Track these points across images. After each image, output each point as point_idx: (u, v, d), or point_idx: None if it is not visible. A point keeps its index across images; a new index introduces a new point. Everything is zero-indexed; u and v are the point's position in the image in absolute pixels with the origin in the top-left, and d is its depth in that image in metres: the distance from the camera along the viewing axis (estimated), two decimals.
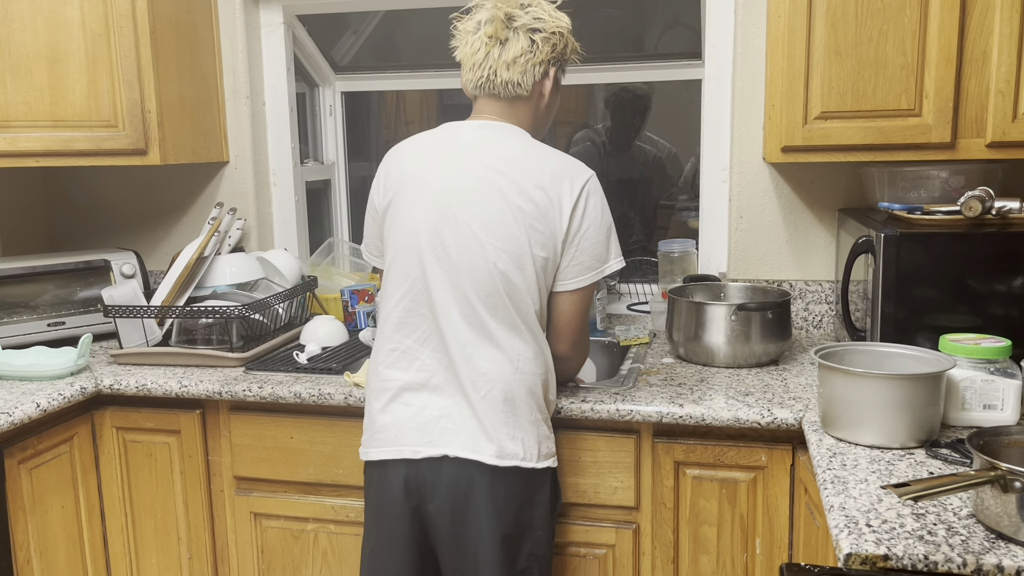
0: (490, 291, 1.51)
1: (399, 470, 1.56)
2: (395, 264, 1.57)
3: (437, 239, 1.52)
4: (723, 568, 1.74)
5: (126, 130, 2.16)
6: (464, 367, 1.52)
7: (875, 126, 1.83)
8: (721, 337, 1.93)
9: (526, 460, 1.53)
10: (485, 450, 1.51)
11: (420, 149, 1.61)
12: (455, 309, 1.52)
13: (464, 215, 1.52)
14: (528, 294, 1.54)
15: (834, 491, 1.27)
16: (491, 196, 1.51)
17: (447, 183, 1.54)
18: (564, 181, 1.53)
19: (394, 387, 1.57)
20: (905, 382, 1.41)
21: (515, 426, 1.53)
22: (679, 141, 2.87)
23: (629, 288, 2.64)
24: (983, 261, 1.65)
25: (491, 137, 1.58)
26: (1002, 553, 1.07)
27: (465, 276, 1.51)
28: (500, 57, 1.56)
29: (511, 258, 1.51)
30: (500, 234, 1.51)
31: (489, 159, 1.54)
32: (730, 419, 1.66)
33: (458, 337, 1.52)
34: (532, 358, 1.55)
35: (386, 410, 1.57)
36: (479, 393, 1.52)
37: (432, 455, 1.53)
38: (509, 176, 1.52)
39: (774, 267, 2.28)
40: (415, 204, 1.55)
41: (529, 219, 1.51)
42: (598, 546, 1.79)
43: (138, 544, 2.05)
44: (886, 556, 1.08)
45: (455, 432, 1.53)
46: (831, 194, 2.21)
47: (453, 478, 1.53)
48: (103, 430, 2.01)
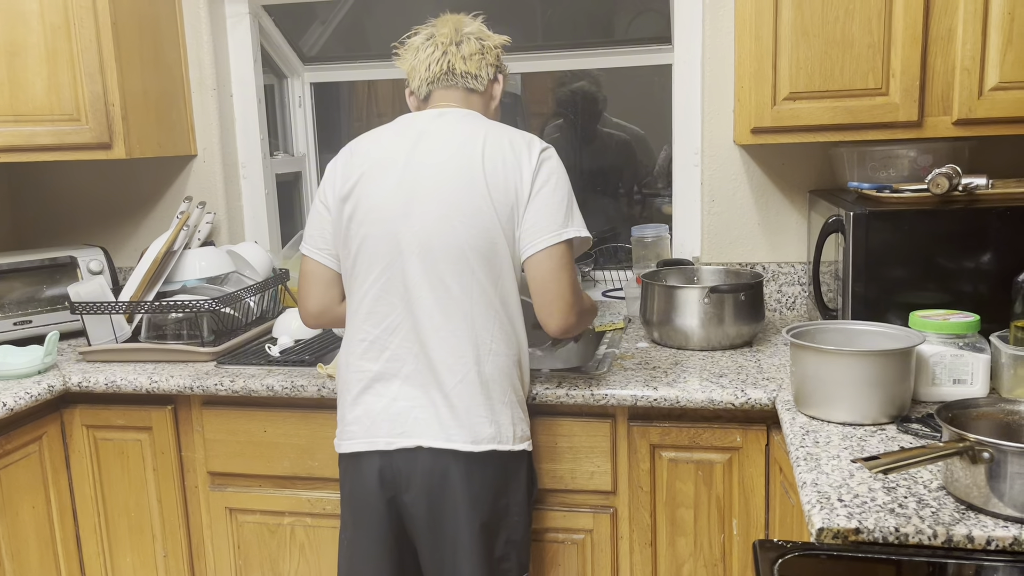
0: (463, 272, 1.50)
1: (373, 462, 1.55)
2: (362, 253, 1.54)
3: (406, 224, 1.51)
4: (700, 550, 1.74)
5: (89, 124, 2.12)
6: (437, 352, 1.51)
7: (843, 106, 1.83)
8: (695, 320, 1.93)
9: (502, 443, 1.53)
10: (459, 437, 1.51)
11: (378, 139, 1.60)
12: (428, 294, 1.51)
13: (434, 198, 1.51)
14: (503, 272, 1.53)
15: (807, 468, 1.27)
16: (459, 177, 1.51)
17: (413, 168, 1.53)
18: (522, 150, 1.54)
19: (365, 378, 1.55)
20: (876, 358, 1.42)
21: (490, 409, 1.52)
22: (653, 128, 2.87)
23: (604, 275, 2.64)
24: (951, 238, 1.66)
25: (451, 120, 1.58)
26: (972, 524, 1.07)
27: (440, 259, 1.50)
28: (458, 53, 1.61)
29: (484, 237, 1.50)
30: (470, 213, 1.50)
31: (452, 140, 1.54)
32: (704, 401, 1.66)
33: (431, 321, 1.51)
34: (505, 339, 1.54)
35: (358, 402, 1.56)
36: (454, 378, 1.51)
37: (406, 446, 1.52)
38: (472, 155, 1.52)
39: (747, 250, 2.28)
40: (380, 191, 1.53)
41: (498, 194, 1.51)
42: (576, 531, 1.79)
43: (112, 543, 2.02)
44: (858, 530, 1.08)
45: (428, 422, 1.52)
46: (802, 176, 2.22)
47: (428, 468, 1.52)
48: (73, 428, 1.98)
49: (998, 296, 1.58)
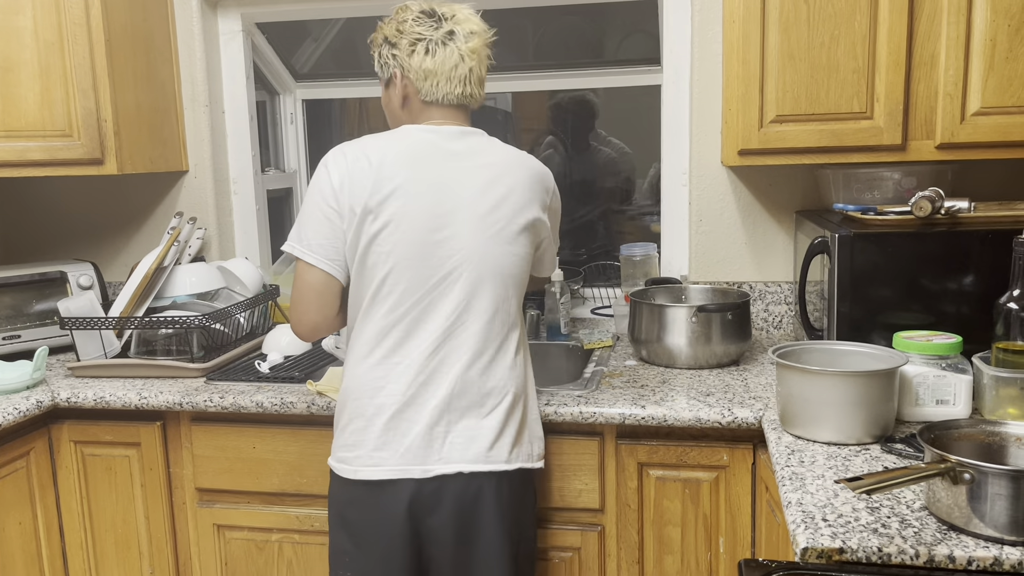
0: (500, 298, 1.55)
1: (404, 488, 1.50)
2: (392, 277, 1.50)
3: (447, 251, 1.50)
4: (687, 568, 1.75)
5: (81, 139, 2.13)
6: (474, 376, 1.52)
7: (829, 129, 1.86)
8: (682, 339, 1.95)
9: (529, 460, 1.60)
10: (494, 457, 1.53)
11: (401, 154, 1.53)
12: (468, 320, 1.52)
13: (477, 224, 1.52)
14: (523, 295, 1.63)
15: (792, 487, 1.29)
16: (495, 202, 1.54)
17: (453, 191, 1.52)
18: (545, 178, 1.64)
19: (397, 403, 1.51)
20: (860, 379, 1.44)
21: (521, 427, 1.58)
22: (642, 147, 2.90)
23: (593, 292, 2.66)
24: (934, 260, 1.69)
25: (475, 144, 1.60)
26: (953, 544, 1.09)
27: (480, 285, 1.52)
28: (475, 73, 1.60)
29: (520, 265, 1.58)
30: (508, 240, 1.55)
31: (483, 165, 1.56)
32: (691, 419, 1.68)
33: (468, 346, 1.51)
34: (527, 360, 1.63)
35: (388, 427, 1.51)
36: (492, 401, 1.53)
37: (445, 472, 1.50)
38: (505, 181, 1.56)
39: (734, 269, 2.31)
40: (417, 212, 1.50)
41: (527, 220, 1.57)
42: (564, 549, 1.79)
43: (98, 560, 2.01)
44: (841, 549, 1.10)
45: (465, 446, 1.51)
46: (788, 197, 2.25)
47: (461, 491, 1.51)
48: (60, 444, 1.97)
49: (980, 318, 1.60)
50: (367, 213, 1.49)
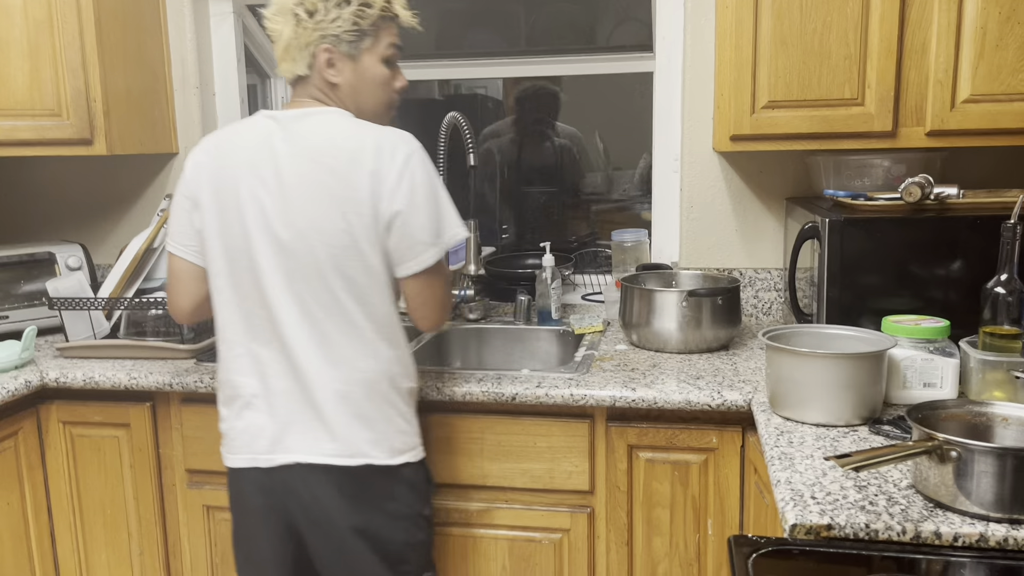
0: (325, 291, 1.46)
1: (255, 477, 1.54)
2: (225, 268, 1.51)
3: (267, 242, 1.47)
4: (676, 549, 1.76)
5: (71, 119, 2.12)
6: (307, 370, 1.48)
7: (820, 115, 1.87)
8: (673, 323, 1.96)
9: (377, 458, 1.51)
10: (333, 451, 1.49)
11: (236, 144, 1.51)
12: (294, 312, 1.47)
13: (293, 216, 1.45)
14: (371, 287, 1.48)
15: (781, 467, 1.30)
16: (317, 193, 1.44)
17: (272, 182, 1.46)
18: (384, 158, 1.44)
19: (245, 393, 1.53)
20: (849, 361, 1.45)
21: (365, 426, 1.50)
22: (634, 136, 2.90)
23: (584, 279, 2.66)
24: (923, 245, 1.70)
25: (311, 125, 1.49)
26: (940, 521, 1.10)
27: (299, 278, 1.46)
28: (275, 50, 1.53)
29: (346, 255, 1.45)
30: (330, 231, 1.44)
31: (310, 151, 1.46)
32: (681, 402, 1.68)
33: (297, 341, 1.48)
34: (374, 355, 1.50)
35: (240, 416, 1.54)
36: (324, 395, 1.48)
37: (285, 462, 1.51)
38: (332, 167, 1.44)
39: (724, 255, 2.32)
40: (241, 206, 1.48)
41: (357, 208, 1.44)
42: (554, 531, 1.80)
43: (87, 540, 2.01)
44: (829, 526, 1.11)
45: (303, 437, 1.50)
46: (779, 183, 2.26)
47: (307, 483, 1.51)
48: (49, 424, 1.96)
49: (968, 303, 1.61)
50: (207, 202, 1.52)
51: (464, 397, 1.76)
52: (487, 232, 2.81)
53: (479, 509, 1.82)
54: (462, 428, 1.80)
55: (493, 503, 1.82)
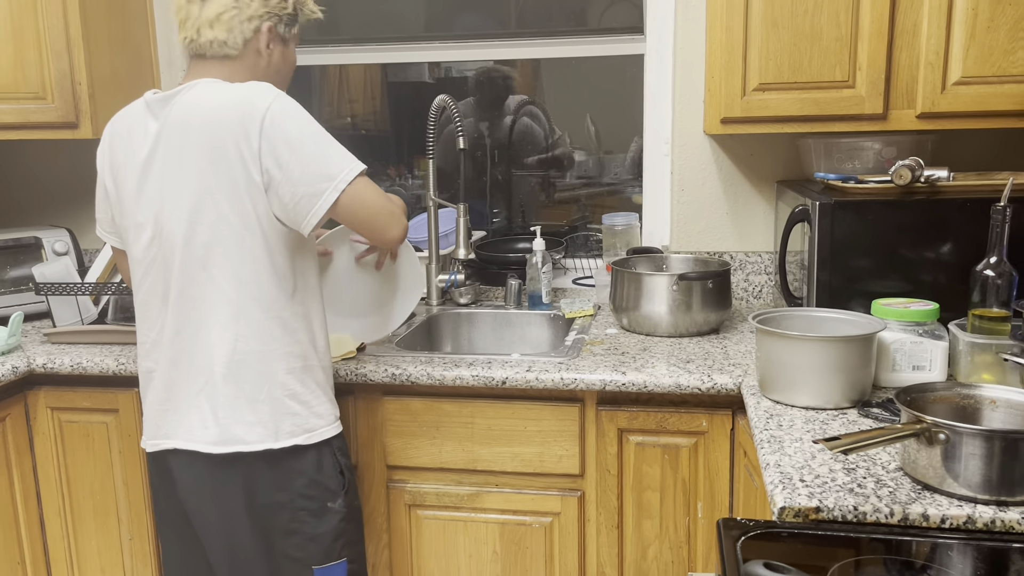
0: (197, 272, 1.44)
1: (152, 460, 1.58)
2: (129, 250, 1.54)
3: (149, 224, 1.47)
4: (666, 532, 1.77)
5: (55, 102, 2.09)
6: (188, 354, 1.47)
7: (811, 97, 1.86)
8: (663, 307, 1.96)
9: (258, 443, 1.46)
10: (208, 438, 1.47)
11: (120, 131, 1.51)
12: (174, 296, 1.47)
13: (169, 194, 1.44)
14: (252, 261, 1.43)
15: (770, 450, 1.30)
16: (191, 169, 1.40)
17: (155, 162, 1.45)
18: (248, 117, 1.37)
19: (145, 378, 1.55)
20: (838, 344, 1.45)
21: (247, 408, 1.46)
22: (625, 119, 2.88)
23: (574, 263, 2.65)
24: (913, 228, 1.70)
25: (190, 99, 1.43)
26: (927, 503, 1.11)
27: (176, 258, 1.44)
28: (201, 15, 1.46)
29: (235, 229, 1.41)
30: (204, 207, 1.41)
31: (187, 123, 1.42)
32: (671, 385, 1.68)
33: (179, 323, 1.47)
34: (260, 335, 1.46)
35: (144, 400, 1.57)
36: (203, 378, 1.47)
37: (166, 447, 1.52)
38: (205, 136, 1.39)
39: (715, 239, 2.31)
40: (128, 188, 1.49)
41: (233, 178, 1.39)
42: (544, 514, 1.81)
43: (76, 526, 2.00)
44: (818, 508, 1.11)
45: (179, 423, 1.50)
46: (770, 166, 2.25)
47: (187, 469, 1.50)
48: (37, 410, 1.95)
49: (957, 286, 1.62)
50: (107, 193, 1.54)
51: (454, 382, 1.76)
52: (477, 216, 2.80)
53: (470, 493, 1.83)
54: (452, 413, 1.80)
55: (484, 487, 1.82)
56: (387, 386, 1.81)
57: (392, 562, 1.89)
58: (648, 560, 1.78)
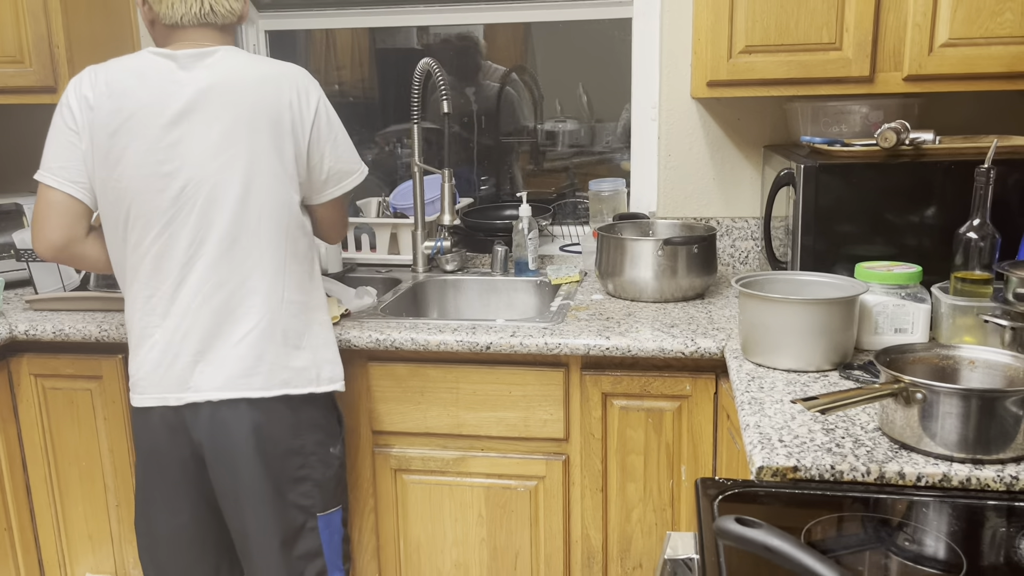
0: (245, 223, 1.51)
1: (164, 416, 1.55)
2: (136, 205, 1.50)
3: (177, 180, 1.48)
4: (650, 495, 1.78)
5: (33, 66, 2.06)
6: (225, 305, 1.51)
7: (797, 60, 1.85)
8: (649, 272, 1.96)
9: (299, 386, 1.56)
10: (246, 385, 1.52)
11: (141, 74, 1.50)
12: (222, 245, 1.50)
13: (202, 149, 1.48)
14: (292, 217, 1.56)
15: (751, 411, 1.30)
16: (226, 127, 1.48)
17: (178, 118, 1.48)
18: (304, 92, 1.54)
19: (154, 334, 1.54)
20: (820, 307, 1.45)
21: (282, 355, 1.55)
22: (614, 85, 2.86)
23: (561, 230, 2.64)
24: (898, 191, 1.70)
25: (231, 63, 1.52)
26: (904, 461, 1.11)
27: (226, 212, 1.49)
28: None
29: (263, 187, 1.51)
30: (244, 164, 1.49)
31: (236, 85, 1.50)
32: (655, 350, 1.69)
33: (226, 273, 1.51)
34: (298, 286, 1.58)
35: (148, 357, 1.55)
36: (243, 329, 1.52)
37: (195, 400, 1.53)
38: (261, 101, 1.50)
39: (702, 204, 2.30)
40: (146, 138, 1.48)
41: (266, 142, 1.50)
42: (529, 478, 1.82)
43: (63, 493, 2.00)
44: (796, 468, 1.12)
45: (215, 373, 1.52)
46: (757, 131, 2.24)
47: (216, 418, 1.53)
48: (20, 377, 1.95)
49: (940, 250, 1.62)
50: (99, 147, 1.50)
51: (439, 347, 1.76)
52: (464, 183, 2.78)
53: (455, 457, 1.83)
54: (437, 378, 1.80)
55: (469, 451, 1.83)
56: (372, 352, 1.81)
57: (378, 526, 1.91)
58: (632, 522, 1.80)
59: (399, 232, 2.42)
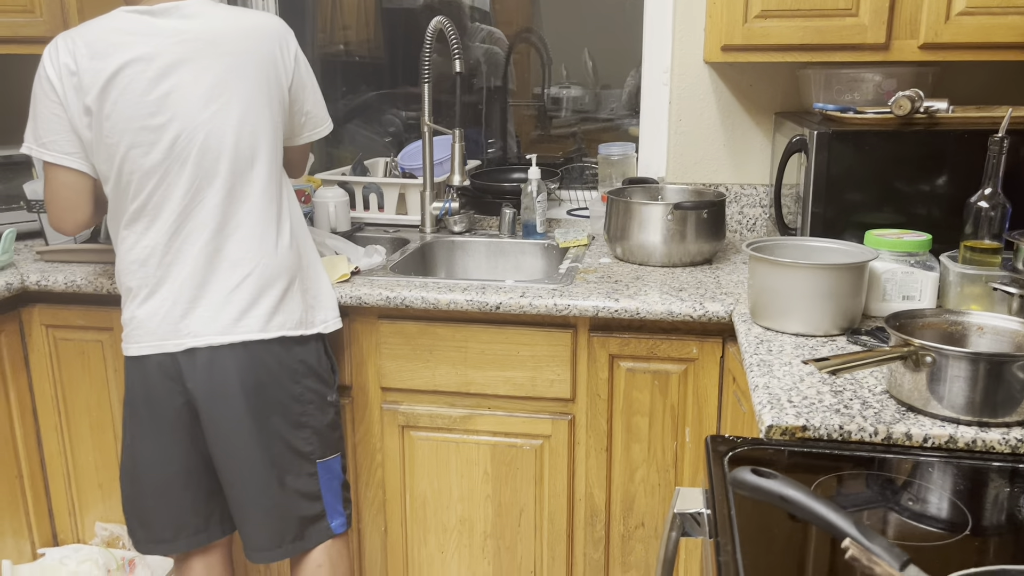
0: (238, 171, 1.55)
1: (160, 362, 1.57)
2: (130, 159, 1.51)
3: (169, 132, 1.50)
4: (654, 455, 1.81)
5: (43, 16, 2.05)
6: (224, 252, 1.55)
7: (813, 26, 1.84)
8: (658, 236, 1.96)
9: (297, 327, 1.62)
10: (242, 328, 1.56)
11: (118, 34, 1.50)
12: (219, 193, 1.54)
13: (192, 100, 1.50)
14: (279, 161, 1.62)
15: (759, 373, 1.32)
16: (215, 77, 1.51)
17: (165, 70, 1.49)
18: (284, 40, 1.61)
19: (149, 283, 1.56)
20: (830, 272, 1.46)
21: (285, 296, 1.60)
22: (624, 50, 2.84)
23: (569, 195, 2.65)
24: (910, 160, 1.70)
25: (210, 14, 1.54)
26: (911, 423, 1.13)
27: (224, 160, 1.53)
28: None
29: (267, 134, 1.58)
30: (235, 112, 1.53)
31: (220, 36, 1.53)
32: (663, 312, 1.70)
33: (223, 220, 1.55)
34: (291, 230, 1.63)
35: (145, 306, 1.57)
36: (238, 275, 1.56)
37: (195, 345, 1.55)
38: (248, 49, 1.55)
39: (711, 171, 2.30)
40: (133, 93, 1.48)
41: (262, 86, 1.56)
42: (535, 437, 1.84)
43: (73, 442, 2.03)
44: (804, 427, 1.14)
45: (212, 319, 1.55)
46: (768, 98, 2.23)
47: (213, 363, 1.56)
48: (32, 328, 1.96)
49: (949, 220, 1.62)
50: (87, 110, 1.51)
51: (449, 306, 1.77)
52: (472, 145, 2.77)
53: (462, 415, 1.86)
54: (446, 337, 1.81)
55: (476, 409, 1.85)
56: (382, 309, 1.82)
57: (385, 481, 1.93)
58: (635, 482, 1.83)
59: (407, 192, 2.42)
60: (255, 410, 1.58)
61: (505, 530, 1.91)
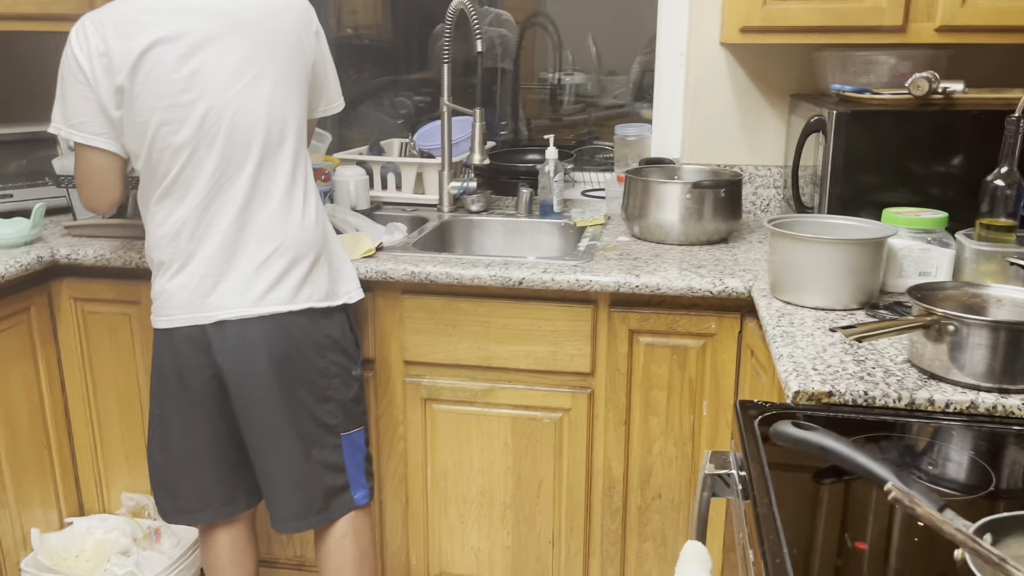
0: (265, 146, 1.58)
1: (191, 334, 1.60)
2: (158, 141, 1.54)
3: (198, 108, 1.52)
4: (672, 429, 1.85)
5: None
6: (253, 226, 1.59)
7: (831, 8, 1.87)
8: (675, 215, 2.00)
9: (324, 299, 1.65)
10: (274, 299, 1.60)
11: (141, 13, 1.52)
12: (250, 168, 1.57)
13: (220, 77, 1.53)
14: (304, 136, 1.67)
15: (783, 343, 1.36)
16: (242, 54, 1.55)
17: (193, 47, 1.52)
18: (308, 17, 1.67)
19: (181, 257, 1.59)
20: (850, 247, 1.50)
21: (313, 269, 1.64)
22: (636, 32, 2.86)
23: (583, 176, 2.68)
24: (927, 140, 1.73)
25: None
26: (933, 389, 1.17)
27: (258, 135, 1.57)
28: None
29: (296, 108, 1.62)
30: (264, 89, 1.57)
31: (244, 13, 1.57)
32: (683, 288, 1.74)
33: (253, 193, 1.58)
34: (316, 205, 1.67)
35: (175, 280, 1.60)
36: (269, 248, 1.59)
37: (227, 318, 1.58)
38: (275, 26, 1.59)
39: (726, 152, 2.34)
40: (162, 71, 1.51)
41: (289, 63, 1.61)
42: (555, 410, 1.88)
43: (100, 414, 2.07)
44: (830, 393, 1.18)
45: (242, 291, 1.58)
46: (783, 80, 2.27)
47: (244, 335, 1.59)
48: (60, 301, 1.99)
49: (967, 199, 1.65)
50: (119, 90, 1.52)
51: (472, 281, 1.81)
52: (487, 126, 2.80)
53: (484, 388, 1.90)
54: (469, 311, 1.85)
55: (497, 383, 1.89)
56: (406, 284, 1.86)
57: (407, 453, 1.98)
58: (653, 455, 1.87)
59: (425, 172, 2.45)
60: (282, 382, 1.62)
61: (524, 501, 1.95)
